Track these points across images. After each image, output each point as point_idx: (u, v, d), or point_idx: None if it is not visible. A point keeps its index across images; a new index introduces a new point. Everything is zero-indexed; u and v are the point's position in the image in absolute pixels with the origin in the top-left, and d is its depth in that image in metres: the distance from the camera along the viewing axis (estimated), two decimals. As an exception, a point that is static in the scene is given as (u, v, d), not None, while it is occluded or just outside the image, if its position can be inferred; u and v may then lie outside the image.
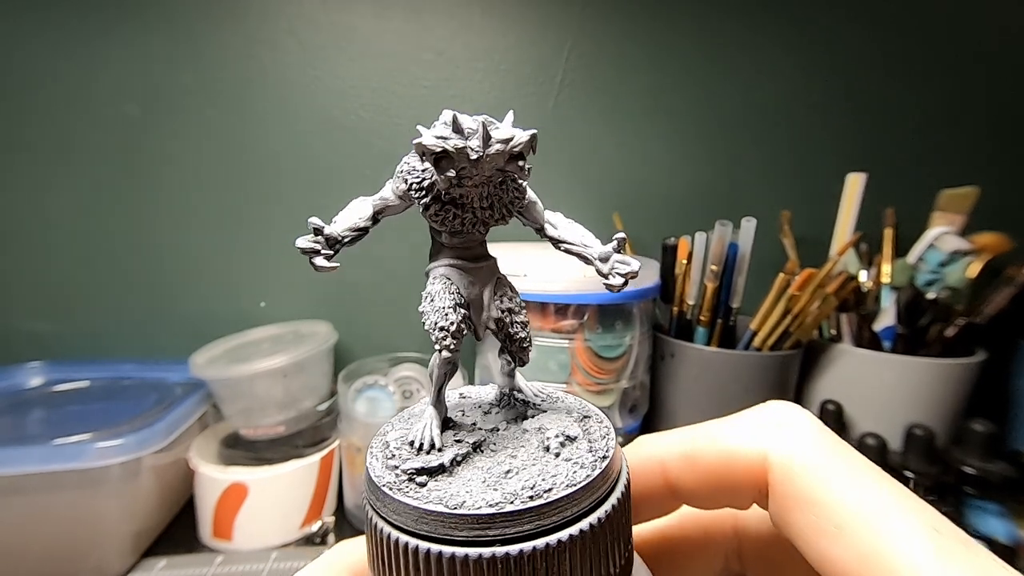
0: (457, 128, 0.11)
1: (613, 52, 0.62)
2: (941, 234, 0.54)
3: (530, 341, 0.14)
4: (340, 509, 0.52)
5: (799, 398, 0.58)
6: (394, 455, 0.12)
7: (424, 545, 0.10)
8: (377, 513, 0.11)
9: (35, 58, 0.55)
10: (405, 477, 0.11)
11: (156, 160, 0.58)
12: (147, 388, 0.53)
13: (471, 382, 0.56)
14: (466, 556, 0.10)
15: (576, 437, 0.12)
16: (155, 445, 0.43)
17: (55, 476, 0.40)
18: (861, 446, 0.47)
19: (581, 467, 0.11)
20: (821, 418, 0.14)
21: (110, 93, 0.56)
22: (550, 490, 0.10)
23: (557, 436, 0.12)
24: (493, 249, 0.14)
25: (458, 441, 0.12)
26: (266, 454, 0.49)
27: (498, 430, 0.13)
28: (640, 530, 0.15)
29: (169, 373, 0.55)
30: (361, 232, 0.13)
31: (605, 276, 0.13)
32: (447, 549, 0.10)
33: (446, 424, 0.13)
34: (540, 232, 0.14)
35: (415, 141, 0.11)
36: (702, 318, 0.53)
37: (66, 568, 0.41)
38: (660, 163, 0.64)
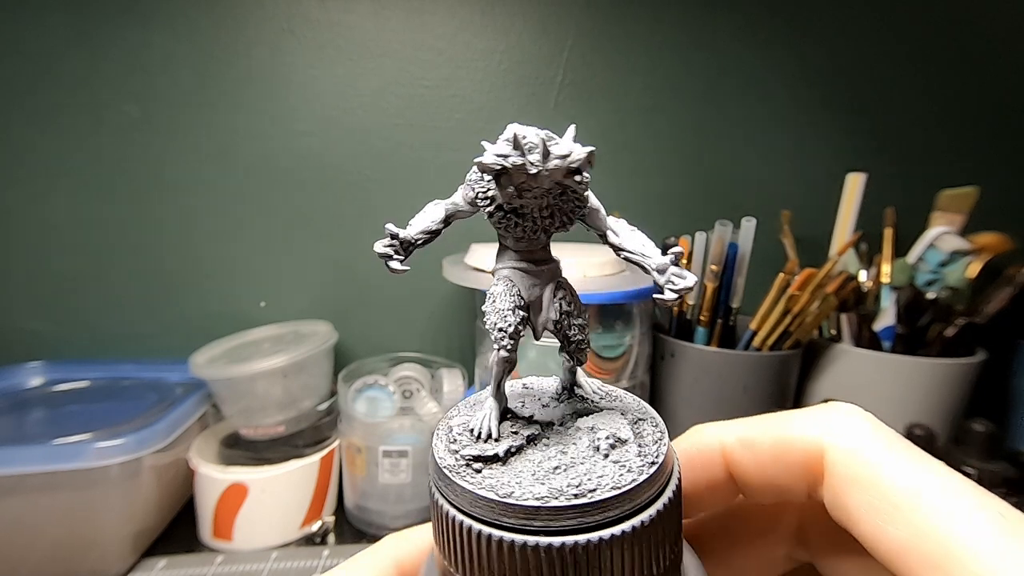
0: (517, 144, 0.12)
1: (613, 52, 0.61)
2: (941, 234, 0.54)
3: (588, 343, 0.15)
4: (340, 509, 0.52)
5: (799, 398, 0.58)
6: (455, 440, 0.13)
7: (477, 526, 0.11)
8: (440, 492, 0.12)
9: (34, 58, 0.55)
10: (463, 462, 0.12)
11: (156, 160, 0.58)
12: (147, 388, 0.53)
13: (471, 382, 0.56)
14: (512, 541, 0.11)
15: (627, 440, 0.12)
16: (155, 445, 0.43)
17: (55, 476, 0.40)
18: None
19: (628, 471, 0.11)
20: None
21: (110, 93, 0.56)
22: (595, 490, 0.11)
23: (608, 438, 0.12)
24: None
25: (514, 433, 0.13)
26: (266, 454, 0.49)
27: (553, 425, 0.14)
28: (700, 516, 0.15)
29: (169, 373, 0.55)
30: (433, 234, 0.14)
31: (660, 289, 0.14)
32: (496, 532, 0.11)
33: (505, 415, 0.14)
34: (603, 238, 0.14)
35: (476, 160, 0.12)
36: (702, 318, 0.53)
37: (66, 568, 0.41)
38: (660, 163, 0.64)
